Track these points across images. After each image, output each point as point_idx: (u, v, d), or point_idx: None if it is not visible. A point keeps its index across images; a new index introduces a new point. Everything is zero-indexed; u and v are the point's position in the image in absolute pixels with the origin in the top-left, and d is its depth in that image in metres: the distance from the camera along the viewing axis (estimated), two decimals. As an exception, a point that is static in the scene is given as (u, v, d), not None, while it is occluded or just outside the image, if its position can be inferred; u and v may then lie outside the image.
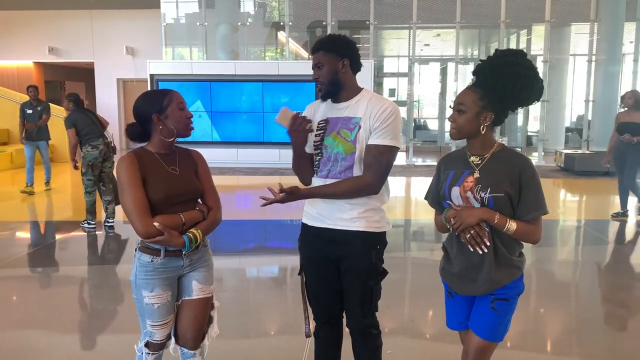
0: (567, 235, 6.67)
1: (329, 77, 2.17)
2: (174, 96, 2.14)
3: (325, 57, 2.16)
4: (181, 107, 2.15)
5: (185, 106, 2.17)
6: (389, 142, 2.12)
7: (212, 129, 11.79)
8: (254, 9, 14.22)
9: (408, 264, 5.28)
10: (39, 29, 15.36)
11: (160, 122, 2.12)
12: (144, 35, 14.82)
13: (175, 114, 2.13)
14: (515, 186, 1.91)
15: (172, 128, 2.13)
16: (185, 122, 2.16)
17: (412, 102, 13.73)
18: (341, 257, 2.23)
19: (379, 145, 2.11)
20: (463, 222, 1.92)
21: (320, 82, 2.19)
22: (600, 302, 4.28)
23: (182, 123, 2.15)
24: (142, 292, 2.12)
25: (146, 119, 2.13)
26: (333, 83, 2.18)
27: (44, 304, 4.07)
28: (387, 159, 2.14)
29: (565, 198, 9.27)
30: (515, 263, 2.00)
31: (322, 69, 2.17)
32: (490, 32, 14.93)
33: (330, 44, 2.19)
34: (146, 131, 2.16)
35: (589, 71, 12.78)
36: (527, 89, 1.92)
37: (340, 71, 2.17)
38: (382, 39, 16.72)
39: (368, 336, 2.31)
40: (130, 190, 2.02)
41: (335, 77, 2.17)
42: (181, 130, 2.16)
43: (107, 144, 6.08)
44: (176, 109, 2.13)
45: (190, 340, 2.24)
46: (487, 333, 2.02)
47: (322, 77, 2.17)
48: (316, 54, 2.19)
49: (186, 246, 2.07)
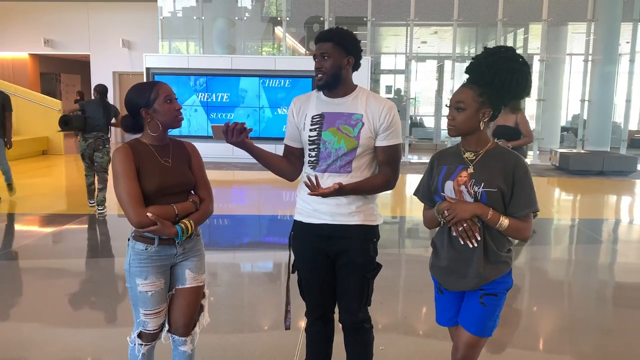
0: (561, 234, 6.70)
1: (332, 71, 2.18)
2: (160, 89, 2.14)
3: (334, 50, 2.17)
4: (168, 100, 2.14)
5: (173, 98, 2.16)
6: (398, 140, 2.25)
7: (207, 124, 11.77)
8: (252, 3, 14.17)
9: (402, 260, 5.30)
10: (34, 21, 15.26)
11: (148, 115, 2.13)
12: (141, 29, 14.75)
13: (162, 107, 2.13)
14: (508, 183, 1.93)
15: (158, 122, 2.14)
16: (174, 114, 2.16)
17: (409, 100, 13.73)
18: (339, 251, 2.24)
19: (392, 145, 2.23)
20: (457, 215, 1.93)
21: (322, 72, 2.19)
22: (592, 300, 4.30)
23: (170, 115, 2.15)
24: (135, 280, 2.13)
25: (136, 112, 2.15)
26: (335, 76, 2.19)
27: (37, 296, 4.06)
28: (399, 155, 2.30)
29: (559, 197, 9.30)
30: (503, 259, 2.02)
31: (327, 61, 2.18)
32: (488, 31, 14.94)
33: (342, 38, 2.20)
34: (138, 123, 2.18)
35: (585, 71, 12.82)
36: (522, 83, 1.97)
37: (344, 67, 2.20)
38: (380, 36, 16.69)
39: (361, 330, 2.33)
40: (125, 181, 2.04)
41: (338, 71, 2.19)
42: (169, 122, 2.16)
43: (98, 137, 6.39)
44: (163, 102, 2.13)
45: (182, 327, 2.27)
46: (476, 328, 2.04)
47: (326, 68, 2.18)
48: (324, 44, 2.19)
49: (179, 236, 2.09)
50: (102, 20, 15.11)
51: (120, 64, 15.32)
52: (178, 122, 2.18)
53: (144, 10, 14.30)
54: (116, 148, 2.12)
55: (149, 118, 2.13)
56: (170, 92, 2.16)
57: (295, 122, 2.31)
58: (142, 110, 2.12)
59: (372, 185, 2.23)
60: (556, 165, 11.37)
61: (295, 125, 2.32)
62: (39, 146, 12.38)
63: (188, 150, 2.28)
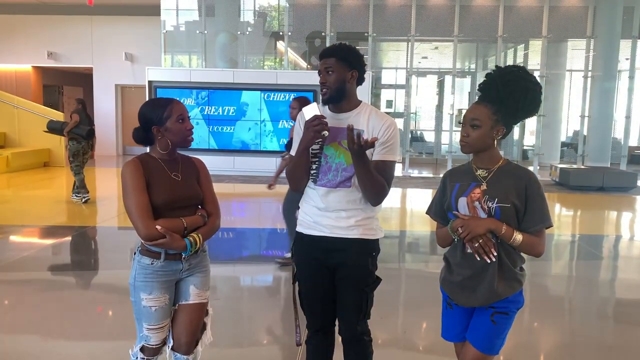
0: (562, 249, 6.69)
1: (336, 85, 2.21)
2: (174, 108, 2.16)
3: (337, 65, 2.20)
4: (181, 119, 2.16)
5: (186, 117, 2.19)
6: (393, 157, 2.26)
7: (209, 137, 11.81)
8: (254, 18, 14.29)
9: (402, 275, 5.29)
10: (38, 34, 15.37)
11: (159, 133, 2.16)
12: (144, 42, 14.85)
13: (174, 126, 2.15)
14: (521, 198, 1.95)
15: (168, 141, 2.16)
16: (185, 135, 2.18)
17: (409, 114, 13.79)
18: (338, 264, 2.25)
19: (387, 161, 2.23)
20: (471, 231, 1.93)
21: (326, 87, 2.22)
22: (593, 317, 4.28)
23: (181, 135, 2.17)
24: (140, 294, 2.13)
25: (148, 127, 2.17)
26: (339, 91, 2.22)
27: (37, 308, 4.05)
28: (392, 174, 2.29)
29: (560, 212, 9.30)
30: (517, 276, 2.02)
31: (331, 75, 2.21)
32: (488, 46, 15.05)
33: (345, 53, 2.22)
34: (149, 137, 2.20)
35: (584, 87, 12.89)
36: (535, 102, 2.00)
37: (347, 81, 2.22)
38: (380, 51, 16.81)
39: (360, 343, 2.34)
40: (134, 194, 2.06)
41: (342, 86, 2.22)
42: (179, 142, 2.19)
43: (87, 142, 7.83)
44: (175, 121, 2.15)
45: (184, 345, 2.26)
46: (485, 345, 2.04)
47: (330, 83, 2.21)
48: (328, 59, 2.22)
49: (187, 249, 2.10)
50: (105, 33, 15.22)
51: (122, 77, 15.40)
52: (188, 142, 2.21)
53: (147, 23, 14.42)
54: (126, 162, 2.14)
55: (159, 136, 2.16)
56: (183, 112, 2.18)
57: (301, 134, 2.33)
58: (154, 127, 2.15)
59: (377, 181, 2.16)
60: (556, 180, 11.38)
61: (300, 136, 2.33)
62: (40, 158, 12.42)
63: (196, 165, 2.31)
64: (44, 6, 14.92)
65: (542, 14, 12.36)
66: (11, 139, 12.59)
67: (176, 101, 2.19)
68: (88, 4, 11.33)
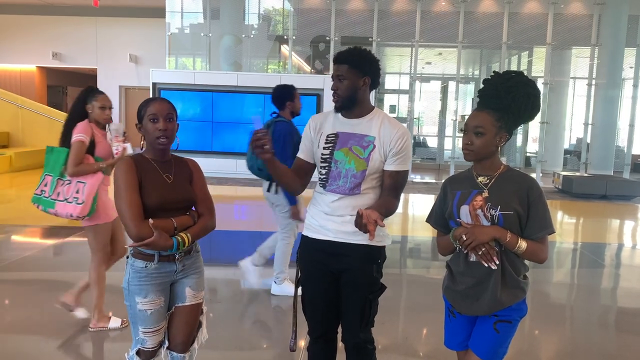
0: (564, 257, 6.66)
1: (348, 92, 2.19)
2: (150, 106, 2.11)
3: (349, 72, 2.18)
4: (152, 119, 2.09)
5: (158, 117, 2.09)
6: (406, 167, 2.26)
7: (212, 139, 11.81)
8: (258, 22, 14.32)
9: (404, 280, 5.27)
10: (43, 34, 15.44)
11: (140, 131, 2.16)
12: (148, 44, 14.91)
13: (147, 125, 2.11)
14: (523, 205, 1.94)
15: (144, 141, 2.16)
16: (154, 135, 2.10)
17: (412, 119, 13.79)
18: (342, 270, 2.24)
19: (400, 171, 2.22)
20: (475, 239, 1.91)
21: (338, 94, 2.21)
22: (595, 325, 4.26)
23: (152, 136, 2.11)
24: (135, 298, 2.11)
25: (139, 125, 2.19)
26: (350, 98, 2.20)
27: (38, 309, 4.05)
28: (404, 183, 2.29)
29: (562, 220, 9.27)
30: (520, 285, 2.01)
31: (342, 82, 2.19)
32: (492, 53, 15.06)
33: (357, 60, 2.20)
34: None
35: (588, 94, 12.87)
36: (536, 108, 2.00)
37: (360, 88, 2.20)
38: (384, 56, 16.83)
39: (363, 351, 2.30)
40: (127, 194, 2.03)
41: (354, 93, 2.20)
42: (151, 142, 2.13)
43: None
44: (148, 120, 2.10)
45: (180, 344, 2.26)
46: (488, 354, 2.02)
47: (341, 90, 2.20)
48: (340, 65, 2.20)
49: (174, 248, 2.06)
50: (110, 34, 15.28)
51: (126, 79, 15.45)
52: (157, 144, 2.12)
53: (152, 26, 14.47)
54: (120, 161, 2.13)
55: (141, 133, 2.16)
56: (155, 111, 2.09)
57: (311, 137, 2.32)
58: (136, 125, 2.15)
59: (389, 209, 2.20)
60: (559, 188, 11.35)
61: (311, 140, 2.32)
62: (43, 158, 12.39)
63: (190, 166, 2.27)
64: (49, 7, 14.99)
65: (547, 21, 12.36)
66: (15, 138, 12.62)
67: (159, 100, 2.13)
68: (93, 5, 11.39)
